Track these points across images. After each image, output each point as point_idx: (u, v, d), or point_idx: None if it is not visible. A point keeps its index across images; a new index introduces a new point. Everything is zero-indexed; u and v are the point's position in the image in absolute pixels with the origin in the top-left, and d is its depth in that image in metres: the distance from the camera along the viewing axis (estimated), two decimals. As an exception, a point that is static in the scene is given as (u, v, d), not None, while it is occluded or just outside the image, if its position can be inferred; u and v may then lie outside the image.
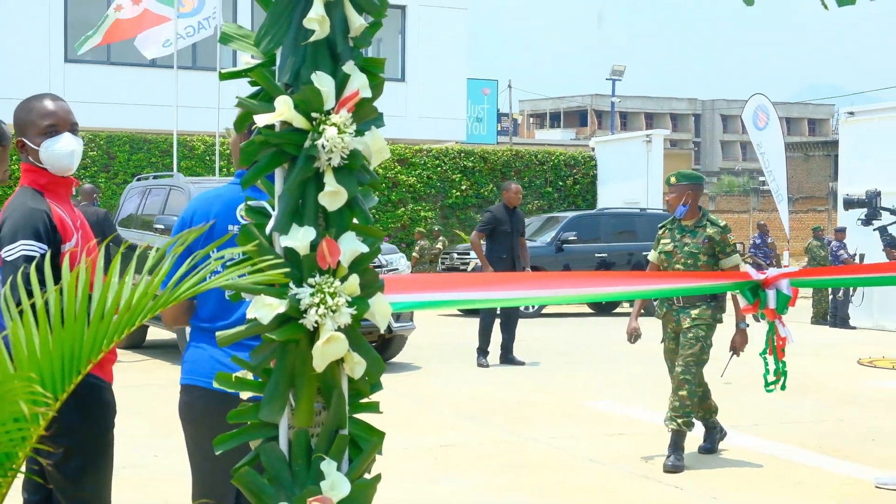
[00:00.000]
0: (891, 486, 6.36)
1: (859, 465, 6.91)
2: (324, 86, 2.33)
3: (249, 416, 2.37)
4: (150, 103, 24.16)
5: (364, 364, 2.40)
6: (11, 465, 1.90)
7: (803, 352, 12.26)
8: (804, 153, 48.83)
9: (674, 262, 6.97)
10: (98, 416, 3.40)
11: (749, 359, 6.85)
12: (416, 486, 6.16)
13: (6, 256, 3.29)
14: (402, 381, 10.18)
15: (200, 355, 3.29)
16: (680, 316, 6.83)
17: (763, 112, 23.34)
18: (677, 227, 7.07)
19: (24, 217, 3.33)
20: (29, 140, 3.44)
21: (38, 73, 24.29)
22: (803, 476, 6.67)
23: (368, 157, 2.42)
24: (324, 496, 2.29)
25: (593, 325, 16.56)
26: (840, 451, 7.34)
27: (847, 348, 13.62)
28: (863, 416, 8.71)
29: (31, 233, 3.29)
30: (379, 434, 2.47)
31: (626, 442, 7.59)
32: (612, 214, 20.44)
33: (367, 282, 2.41)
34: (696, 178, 7.27)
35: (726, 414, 8.60)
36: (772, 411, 8.47)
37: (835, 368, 11.70)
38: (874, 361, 12.15)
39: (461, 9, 29.39)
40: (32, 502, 3.52)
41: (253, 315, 2.29)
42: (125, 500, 3.53)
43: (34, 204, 3.38)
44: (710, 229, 6.93)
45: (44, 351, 1.91)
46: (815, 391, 9.91)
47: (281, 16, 2.37)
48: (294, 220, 2.34)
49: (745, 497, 6.08)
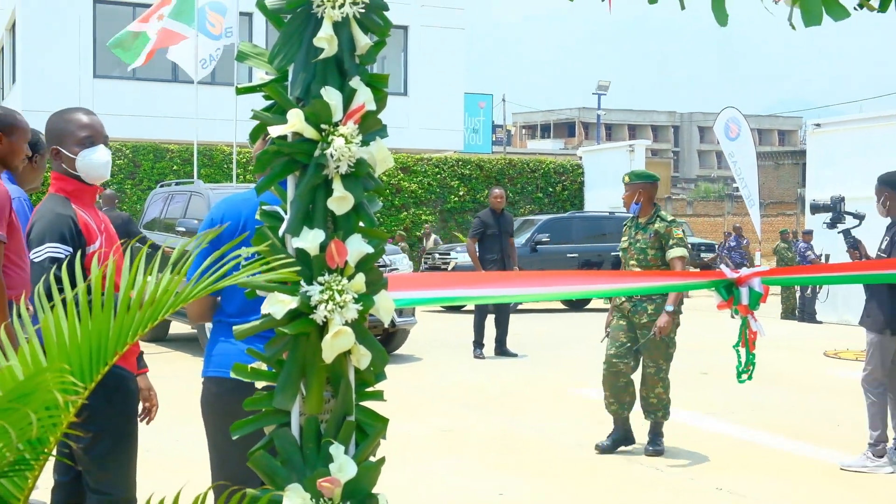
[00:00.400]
0: (855, 468, 6.36)
1: (826, 449, 6.91)
2: (332, 99, 2.33)
3: (264, 403, 2.37)
4: (173, 116, 24.16)
5: (369, 356, 2.40)
6: (44, 448, 1.90)
7: (774, 345, 12.27)
8: (775, 162, 48.84)
9: (629, 258, 6.82)
10: (123, 403, 3.40)
11: (724, 350, 6.83)
12: (418, 468, 6.16)
13: (34, 258, 3.29)
14: (404, 371, 10.18)
15: (230, 349, 3.23)
16: (637, 308, 6.63)
17: (734, 123, 23.32)
18: (634, 224, 6.91)
19: (50, 222, 3.33)
20: (65, 149, 3.43)
21: (70, 87, 24.28)
22: (774, 459, 6.68)
23: (373, 165, 2.42)
24: (332, 477, 2.29)
25: (579, 320, 16.55)
26: (808, 436, 7.34)
27: (814, 341, 13.63)
28: (828, 404, 8.71)
29: (57, 236, 3.30)
30: (383, 420, 2.47)
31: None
32: (582, 218, 20.49)
33: (372, 280, 2.41)
34: (647, 177, 7.01)
35: (703, 402, 8.62)
36: (745, 399, 8.47)
37: (803, 360, 11.72)
38: (839, 353, 12.16)
39: (459, 29, 29.42)
40: (63, 483, 3.51)
41: (267, 310, 2.29)
42: (149, 481, 3.52)
43: (61, 209, 3.38)
44: (658, 224, 6.73)
45: (73, 344, 1.91)
46: (785, 381, 9.92)
47: (293, 35, 2.37)
48: (305, 223, 2.34)
49: (720, 478, 6.07)
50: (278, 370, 2.37)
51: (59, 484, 3.53)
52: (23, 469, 1.91)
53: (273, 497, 2.26)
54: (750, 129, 23.63)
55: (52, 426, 1.86)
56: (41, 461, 1.92)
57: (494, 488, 5.84)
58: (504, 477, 6.09)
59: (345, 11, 2.32)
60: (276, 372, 2.37)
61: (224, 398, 3.26)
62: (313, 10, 2.34)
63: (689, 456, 6.67)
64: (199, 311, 3.38)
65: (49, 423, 1.84)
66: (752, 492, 5.78)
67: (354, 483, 2.33)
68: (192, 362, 10.64)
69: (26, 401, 1.73)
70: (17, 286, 3.78)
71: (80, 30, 25.47)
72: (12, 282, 3.77)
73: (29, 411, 1.70)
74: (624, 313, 6.70)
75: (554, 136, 77.22)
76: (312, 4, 2.34)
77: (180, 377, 9.57)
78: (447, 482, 5.94)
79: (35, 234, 3.33)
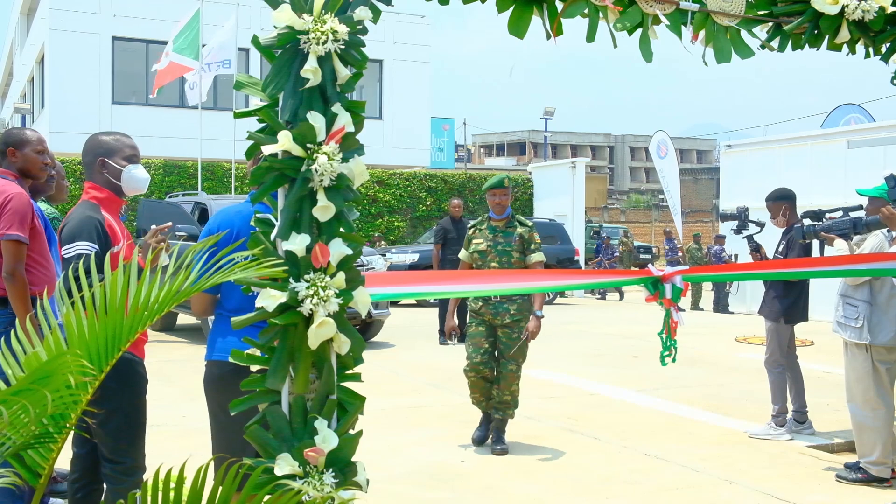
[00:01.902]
0: (760, 436, 6.43)
1: (736, 420, 6.98)
2: (317, 122, 2.33)
3: (258, 384, 2.36)
4: (180, 136, 23.98)
5: (349, 343, 2.40)
6: (65, 423, 1.88)
7: (694, 332, 12.40)
8: (693, 177, 49.38)
9: (488, 259, 5.99)
10: (133, 385, 3.37)
11: (652, 337, 6.89)
12: (391, 439, 6.14)
13: (65, 254, 3.26)
14: (379, 356, 10.15)
15: (229, 338, 3.27)
16: (498, 310, 5.93)
17: (664, 144, 23.53)
18: (488, 227, 6.10)
19: (80, 223, 3.31)
20: (113, 161, 3.44)
21: (91, 112, 24.01)
22: (693, 428, 6.73)
23: (352, 178, 2.41)
24: (317, 447, 2.29)
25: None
26: (721, 409, 7.41)
27: (727, 329, 13.76)
28: (738, 382, 8.80)
29: (86, 236, 3.28)
30: (361, 398, 2.46)
31: (556, 403, 7.62)
32: None
33: (351, 278, 2.40)
34: (494, 185, 6.10)
35: (634, 380, 8.67)
36: (669, 378, 8.54)
37: (718, 345, 11.83)
38: (747, 339, 12.29)
39: (426, 62, 29.49)
40: (81, 454, 3.48)
41: (260, 304, 2.28)
42: (157, 451, 3.48)
43: (91, 213, 3.37)
44: (520, 228, 6.03)
45: (91, 333, 1.89)
46: (703, 362, 10.00)
47: (283, 67, 2.36)
48: (293, 228, 2.34)
49: (648, 444, 6.11)
50: (270, 355, 2.35)
51: (77, 455, 3.49)
52: (47, 441, 1.89)
53: (266, 465, 2.24)
54: (674, 148, 23.85)
55: (72, 404, 1.84)
56: (63, 434, 1.90)
57: (457, 456, 5.84)
58: (465, 446, 6.09)
59: (327, 47, 2.32)
60: (268, 357, 2.36)
61: (224, 379, 3.24)
62: (300, 46, 2.34)
63: (622, 426, 6.71)
64: (202, 306, 3.38)
65: (70, 401, 1.82)
66: (675, 457, 5.83)
67: (336, 452, 2.32)
68: (196, 349, 10.53)
69: (47, 382, 1.71)
70: (39, 283, 3.77)
71: (100, 63, 25.20)
72: (35, 279, 3.76)
73: (46, 391, 1.67)
74: (484, 318, 5.99)
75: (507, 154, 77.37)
76: (300, 41, 2.33)
77: (186, 361, 9.48)
78: (417, 451, 5.93)
79: (66, 233, 3.33)
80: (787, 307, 6.40)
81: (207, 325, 10.77)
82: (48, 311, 1.97)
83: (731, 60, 3.20)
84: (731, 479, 5.33)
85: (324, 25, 2.30)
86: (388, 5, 2.63)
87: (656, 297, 3.78)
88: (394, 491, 4.95)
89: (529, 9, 2.87)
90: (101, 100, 25.01)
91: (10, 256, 3.68)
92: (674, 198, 23.26)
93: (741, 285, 16.69)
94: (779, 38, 3.37)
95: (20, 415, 1.70)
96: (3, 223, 3.70)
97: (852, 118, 21.34)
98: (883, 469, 5.25)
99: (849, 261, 4.76)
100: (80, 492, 3.46)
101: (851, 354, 5.35)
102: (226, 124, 19.24)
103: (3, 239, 3.70)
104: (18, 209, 3.74)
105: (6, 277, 3.67)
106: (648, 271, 3.78)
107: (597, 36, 2.99)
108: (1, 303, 3.91)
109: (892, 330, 5.21)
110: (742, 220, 6.89)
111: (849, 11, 3.35)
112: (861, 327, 5.24)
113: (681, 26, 3.13)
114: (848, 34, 3.40)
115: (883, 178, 4.15)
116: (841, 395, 5.70)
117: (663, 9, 3.07)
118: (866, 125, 17.66)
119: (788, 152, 16.28)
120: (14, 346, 1.95)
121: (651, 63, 3.08)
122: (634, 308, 17.84)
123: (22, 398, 1.67)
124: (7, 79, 43.49)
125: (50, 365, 1.73)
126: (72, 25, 24.86)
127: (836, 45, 3.45)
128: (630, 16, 3.02)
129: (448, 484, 5.18)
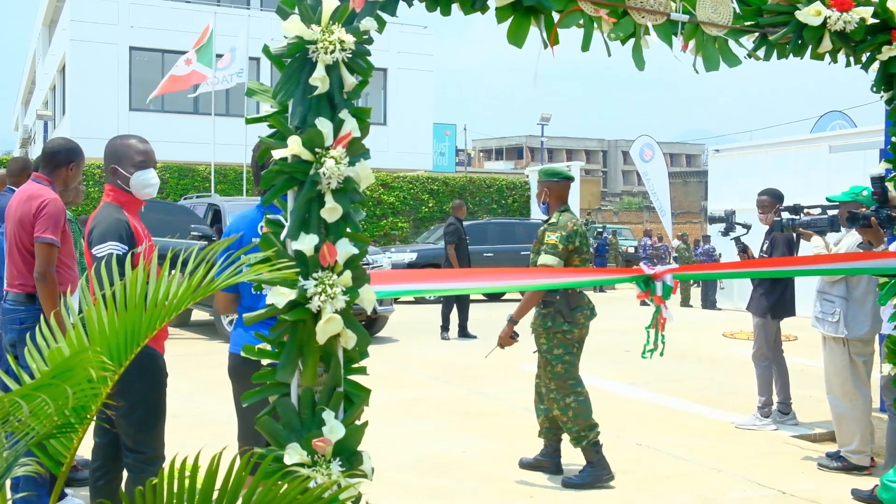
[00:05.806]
0: (746, 426, 6.43)
1: (724, 412, 6.97)
2: (324, 128, 2.33)
3: (269, 377, 2.36)
4: (194, 141, 23.99)
5: (355, 338, 2.40)
6: (86, 415, 1.88)
7: (683, 328, 12.38)
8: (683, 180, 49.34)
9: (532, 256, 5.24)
10: (154, 378, 3.37)
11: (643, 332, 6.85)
12: (394, 429, 6.14)
13: (96, 253, 3.26)
14: (384, 350, 10.15)
15: (247, 333, 3.29)
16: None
17: (648, 148, 23.42)
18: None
19: (109, 225, 3.30)
20: (122, 168, 3.42)
21: (109, 118, 24.03)
22: (683, 419, 6.73)
23: (358, 181, 2.41)
24: (325, 437, 2.29)
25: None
26: (709, 401, 7.41)
27: (715, 324, 13.75)
28: (726, 375, 8.79)
29: (115, 236, 3.27)
30: (366, 391, 2.46)
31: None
32: (496, 223, 20.02)
33: (357, 276, 2.40)
34: (553, 174, 5.21)
35: (626, 374, 8.67)
36: (660, 372, 8.53)
37: (706, 340, 11.81)
38: (734, 334, 12.28)
39: (428, 71, 29.50)
40: (102, 444, 3.48)
41: (271, 301, 2.28)
42: (173, 441, 3.48)
43: (118, 215, 3.37)
44: (546, 225, 5.11)
45: (111, 329, 1.89)
46: (692, 357, 9.99)
47: (292, 76, 2.36)
48: (302, 229, 2.34)
49: (640, 434, 6.11)
50: (280, 350, 2.35)
51: (98, 445, 3.49)
52: (68, 432, 1.89)
53: (276, 454, 2.24)
54: (663, 153, 23.81)
55: (93, 396, 1.84)
56: (84, 425, 1.90)
57: (458, 446, 5.83)
58: (465, 436, 6.09)
59: (335, 56, 2.32)
60: (278, 351, 2.36)
61: (247, 367, 3.27)
62: (309, 55, 2.34)
63: (615, 418, 6.70)
64: (223, 303, 3.43)
65: (90, 394, 1.82)
66: (665, 446, 5.82)
67: (343, 442, 2.32)
68: (210, 344, 10.54)
69: (69, 376, 1.71)
70: (66, 282, 3.85)
71: (118, 71, 25.24)
72: (63, 279, 3.84)
73: (66, 386, 1.67)
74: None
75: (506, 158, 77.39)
76: (308, 51, 2.33)
77: (200, 355, 9.48)
78: (419, 441, 5.93)
79: (97, 234, 3.31)
80: (773, 303, 6.39)
81: (220, 321, 10.77)
82: (72, 308, 1.97)
83: (720, 68, 3.20)
84: (719, 467, 5.33)
85: (331, 36, 2.30)
86: (393, 16, 2.63)
87: (647, 294, 3.78)
88: (398, 479, 4.96)
89: (527, 19, 2.88)
90: (118, 107, 25.04)
91: (42, 258, 3.75)
92: (660, 199, 23.15)
93: (728, 283, 16.67)
94: (765, 47, 3.37)
95: (43, 407, 1.70)
96: (38, 227, 3.79)
97: (837, 124, 21.30)
98: (862, 457, 5.25)
99: (829, 260, 4.76)
100: (101, 479, 3.47)
101: (829, 348, 5.35)
102: (238, 130, 19.25)
103: (38, 242, 3.77)
104: (53, 214, 3.82)
105: (38, 277, 3.74)
106: (640, 270, 3.78)
107: (591, 45, 2.99)
108: (30, 299, 3.96)
109: (868, 324, 5.21)
110: (729, 222, 6.88)
111: (831, 22, 3.35)
112: (838, 322, 5.24)
113: (671, 36, 3.13)
114: (830, 44, 3.41)
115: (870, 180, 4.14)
116: (822, 388, 5.70)
117: (655, 20, 3.07)
118: (847, 130, 17.64)
119: (774, 156, 16.25)
120: (39, 342, 1.95)
121: (643, 71, 3.08)
122: (626, 304, 17.83)
123: (44, 392, 1.67)
124: (30, 87, 43.53)
125: (72, 360, 1.73)
126: (91, 36, 24.91)
127: (819, 54, 3.46)
128: (623, 26, 3.03)
129: (449, 473, 5.18)
